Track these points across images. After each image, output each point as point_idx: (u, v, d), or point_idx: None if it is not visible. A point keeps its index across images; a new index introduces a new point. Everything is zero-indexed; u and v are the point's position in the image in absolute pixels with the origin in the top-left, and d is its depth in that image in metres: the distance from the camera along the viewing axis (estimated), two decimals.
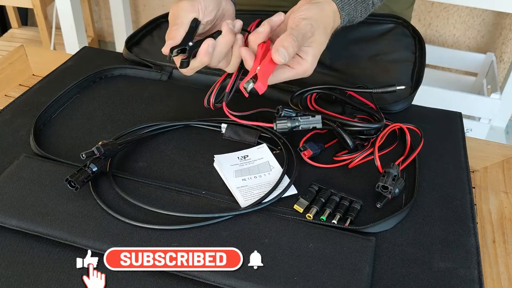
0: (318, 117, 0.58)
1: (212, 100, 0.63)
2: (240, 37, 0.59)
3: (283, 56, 0.53)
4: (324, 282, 0.46)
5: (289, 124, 0.58)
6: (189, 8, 0.58)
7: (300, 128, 0.59)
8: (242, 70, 0.63)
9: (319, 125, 0.58)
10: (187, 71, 0.59)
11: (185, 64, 0.57)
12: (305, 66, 0.58)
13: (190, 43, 0.57)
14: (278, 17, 0.60)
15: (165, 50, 0.57)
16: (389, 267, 0.49)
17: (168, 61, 0.57)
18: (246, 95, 0.56)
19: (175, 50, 0.56)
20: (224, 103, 0.62)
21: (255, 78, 0.55)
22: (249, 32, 0.61)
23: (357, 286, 0.45)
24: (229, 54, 0.59)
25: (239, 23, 0.59)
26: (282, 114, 0.61)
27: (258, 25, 0.63)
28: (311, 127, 0.59)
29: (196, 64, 0.58)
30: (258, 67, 0.55)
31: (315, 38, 0.57)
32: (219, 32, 0.58)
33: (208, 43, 0.56)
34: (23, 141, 0.62)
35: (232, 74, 0.63)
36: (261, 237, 0.50)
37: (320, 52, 0.59)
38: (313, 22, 0.57)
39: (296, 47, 0.54)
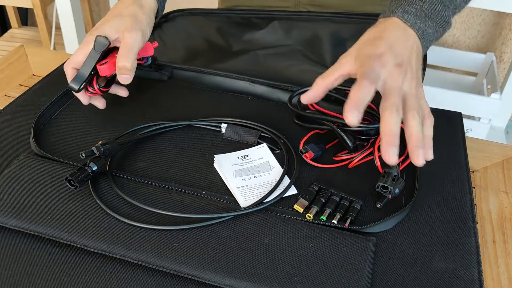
0: None
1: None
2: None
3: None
4: (324, 282, 0.46)
5: None
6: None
7: None
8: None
9: None
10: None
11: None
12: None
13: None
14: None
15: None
16: (389, 267, 0.49)
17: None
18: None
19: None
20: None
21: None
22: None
23: (357, 286, 0.45)
24: None
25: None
26: None
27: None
28: None
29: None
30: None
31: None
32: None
33: None
34: (23, 141, 0.62)
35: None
36: (261, 237, 0.50)
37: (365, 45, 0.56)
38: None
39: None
